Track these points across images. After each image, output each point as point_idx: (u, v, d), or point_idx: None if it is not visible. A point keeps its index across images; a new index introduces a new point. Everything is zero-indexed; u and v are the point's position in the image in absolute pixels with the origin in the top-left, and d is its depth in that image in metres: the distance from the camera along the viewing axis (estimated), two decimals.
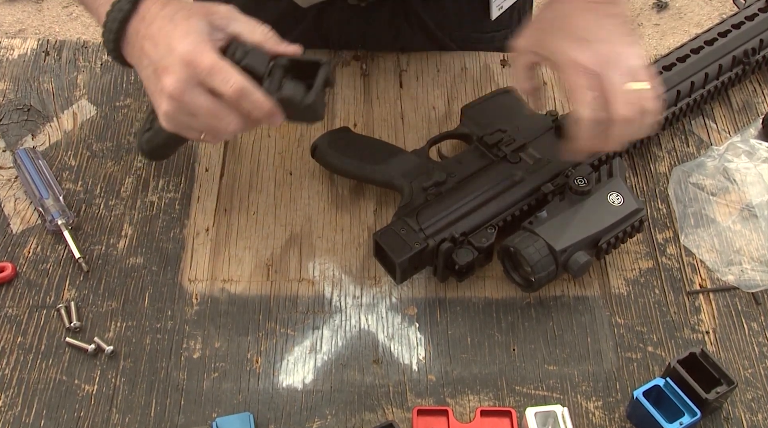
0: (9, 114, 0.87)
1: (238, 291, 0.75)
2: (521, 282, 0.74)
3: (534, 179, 0.75)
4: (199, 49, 0.62)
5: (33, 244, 0.77)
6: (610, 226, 0.71)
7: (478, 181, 0.76)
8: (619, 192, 0.73)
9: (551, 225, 0.71)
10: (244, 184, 0.83)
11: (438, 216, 0.73)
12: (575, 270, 0.70)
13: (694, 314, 0.75)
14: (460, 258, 0.70)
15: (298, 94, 0.64)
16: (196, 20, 0.64)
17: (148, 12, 0.66)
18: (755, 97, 0.92)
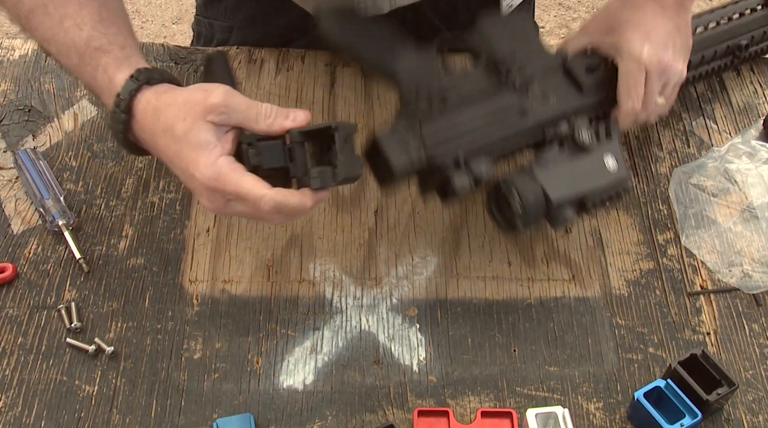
0: (10, 114, 0.87)
1: (238, 292, 0.75)
2: (501, 222, 0.72)
3: (538, 116, 0.73)
4: (215, 174, 0.59)
5: (34, 245, 0.77)
6: (600, 188, 0.70)
7: (483, 102, 0.72)
8: (615, 155, 0.71)
9: (551, 173, 0.69)
10: None
11: (442, 131, 0.69)
12: (558, 224, 0.70)
13: (695, 315, 0.75)
14: (457, 184, 0.67)
15: (328, 178, 0.61)
16: (196, 132, 0.60)
17: (144, 120, 0.63)
18: (756, 98, 0.92)
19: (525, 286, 0.77)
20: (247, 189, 0.60)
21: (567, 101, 0.74)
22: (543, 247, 0.80)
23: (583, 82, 0.75)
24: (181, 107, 0.61)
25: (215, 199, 0.62)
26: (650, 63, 0.72)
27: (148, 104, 0.63)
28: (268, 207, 0.60)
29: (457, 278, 0.77)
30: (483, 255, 0.79)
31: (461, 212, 0.82)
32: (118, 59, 0.65)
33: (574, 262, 0.79)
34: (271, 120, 0.62)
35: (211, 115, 0.60)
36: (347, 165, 0.61)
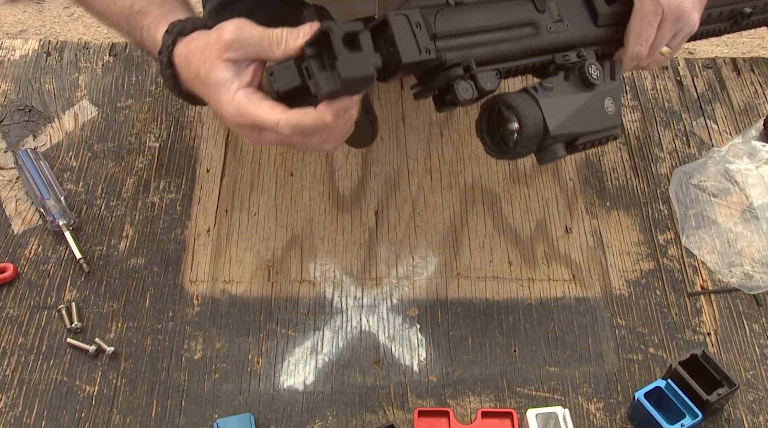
0: (10, 115, 0.87)
1: (239, 293, 0.75)
2: (489, 143, 0.67)
3: (550, 38, 0.69)
4: (236, 109, 0.60)
5: (34, 245, 0.77)
6: (595, 130, 0.67)
7: (500, 10, 0.68)
8: (614, 99, 0.68)
9: (554, 103, 0.64)
10: (245, 185, 0.83)
11: (456, 30, 0.64)
12: (545, 158, 0.65)
13: (695, 315, 0.75)
14: (461, 91, 0.62)
15: (331, 81, 0.57)
16: (215, 72, 0.60)
17: (183, 73, 0.65)
18: (756, 98, 0.92)
19: (525, 286, 0.77)
20: (262, 118, 0.59)
21: (580, 28, 0.71)
22: (543, 247, 0.80)
23: (600, 13, 0.71)
24: (202, 52, 0.62)
25: (248, 133, 0.62)
26: (668, 6, 0.69)
27: (181, 55, 0.64)
28: (287, 131, 0.59)
29: (457, 278, 0.77)
30: (483, 256, 0.79)
31: (461, 212, 0.82)
32: (156, 19, 0.67)
33: (574, 262, 0.79)
34: (284, 44, 0.60)
35: (227, 52, 0.60)
36: (348, 64, 0.56)
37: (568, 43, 0.70)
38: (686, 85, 0.94)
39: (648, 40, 0.70)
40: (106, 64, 0.92)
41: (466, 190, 0.84)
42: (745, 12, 0.84)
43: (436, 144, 0.87)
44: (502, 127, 0.66)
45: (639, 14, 0.70)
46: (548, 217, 0.82)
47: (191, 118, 0.88)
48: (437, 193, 0.84)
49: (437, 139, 0.88)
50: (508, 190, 0.84)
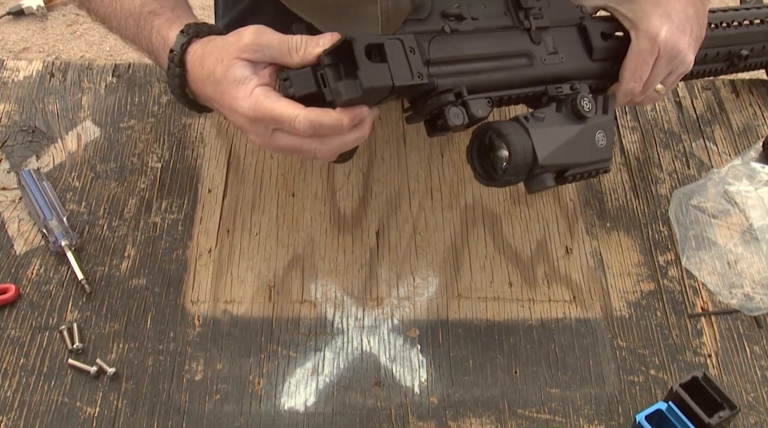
0: (14, 135, 0.87)
1: (240, 313, 0.75)
2: (478, 169, 0.68)
3: (545, 70, 0.70)
4: (253, 104, 0.60)
5: (36, 265, 0.77)
6: (585, 162, 0.67)
7: (495, 39, 0.69)
8: (606, 133, 0.68)
9: (544, 133, 0.65)
10: (246, 205, 0.84)
11: (449, 57, 0.65)
12: (534, 188, 0.65)
13: (696, 337, 0.75)
14: (452, 117, 0.63)
15: (352, 89, 0.58)
16: (233, 70, 0.61)
17: (194, 71, 0.65)
18: (755, 119, 0.93)
19: (526, 307, 0.77)
20: (280, 111, 0.60)
21: (574, 62, 0.72)
22: (544, 268, 0.80)
23: (596, 47, 0.72)
24: (219, 51, 0.63)
25: (260, 131, 0.62)
26: (665, 46, 0.70)
27: (195, 54, 0.65)
28: (303, 126, 0.59)
29: (458, 299, 0.77)
30: (484, 276, 0.79)
31: (462, 232, 0.82)
32: (169, 20, 0.68)
33: (575, 283, 0.79)
34: (302, 51, 0.61)
35: (246, 53, 0.61)
36: (370, 74, 0.58)
37: (563, 75, 0.71)
38: (685, 106, 0.95)
39: (642, 78, 0.71)
40: (109, 84, 0.93)
41: (467, 210, 0.84)
42: (741, 54, 0.86)
43: (436, 164, 0.88)
44: (492, 154, 0.66)
45: (635, 52, 0.71)
46: (549, 238, 0.82)
47: (193, 139, 0.88)
48: (438, 213, 0.84)
49: (438, 160, 0.88)
50: (508, 211, 0.84)
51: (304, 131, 0.60)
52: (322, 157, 0.64)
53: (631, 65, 0.71)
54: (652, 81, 0.72)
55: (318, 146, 0.62)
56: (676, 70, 0.73)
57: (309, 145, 0.62)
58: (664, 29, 0.69)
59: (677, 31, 0.70)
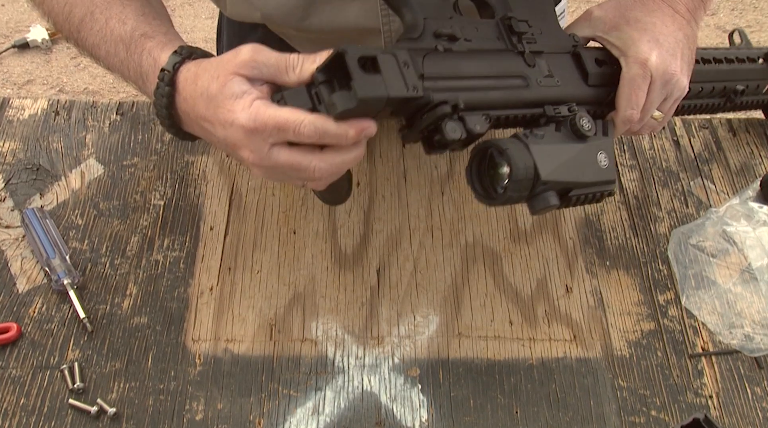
0: (18, 173, 0.88)
1: (241, 352, 0.76)
2: (478, 188, 0.66)
3: (542, 92, 0.69)
4: (253, 114, 0.58)
5: (38, 304, 0.77)
6: (589, 182, 0.65)
7: (490, 60, 0.67)
8: (608, 154, 0.67)
9: (545, 149, 0.63)
10: (248, 242, 0.84)
11: (444, 73, 0.64)
12: (538, 209, 0.63)
13: (696, 377, 0.75)
14: (449, 131, 0.61)
15: (347, 99, 0.57)
16: (230, 85, 0.60)
17: (185, 90, 0.64)
18: (752, 158, 0.94)
19: (527, 346, 0.77)
20: (285, 117, 0.58)
21: (570, 86, 0.71)
22: (544, 307, 0.80)
23: (591, 72, 0.72)
24: (215, 68, 0.62)
25: (257, 147, 0.60)
26: (656, 71, 0.69)
27: (189, 72, 0.64)
28: (309, 130, 0.58)
29: (458, 338, 0.77)
30: (484, 315, 0.79)
31: (462, 270, 0.83)
32: (161, 42, 0.67)
33: (575, 322, 0.79)
34: (299, 68, 0.60)
35: (243, 69, 0.60)
36: (364, 84, 0.57)
37: (559, 98, 0.69)
38: (683, 145, 0.96)
39: (639, 104, 0.70)
40: (113, 122, 0.94)
41: (467, 248, 0.85)
42: (737, 89, 0.86)
43: (437, 202, 0.88)
44: (492, 171, 0.65)
45: (627, 78, 0.70)
46: (549, 276, 0.83)
47: (196, 176, 0.89)
48: (438, 251, 0.84)
49: (438, 197, 0.89)
50: (508, 249, 0.85)
51: (310, 136, 0.58)
52: (319, 178, 0.62)
53: (626, 92, 0.70)
54: (648, 107, 0.71)
55: (317, 163, 0.60)
56: (671, 96, 0.72)
57: (308, 161, 0.60)
58: (654, 54, 0.69)
59: (668, 55, 0.70)
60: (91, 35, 0.71)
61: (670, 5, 0.72)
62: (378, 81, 0.58)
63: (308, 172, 0.61)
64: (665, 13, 0.72)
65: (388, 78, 0.59)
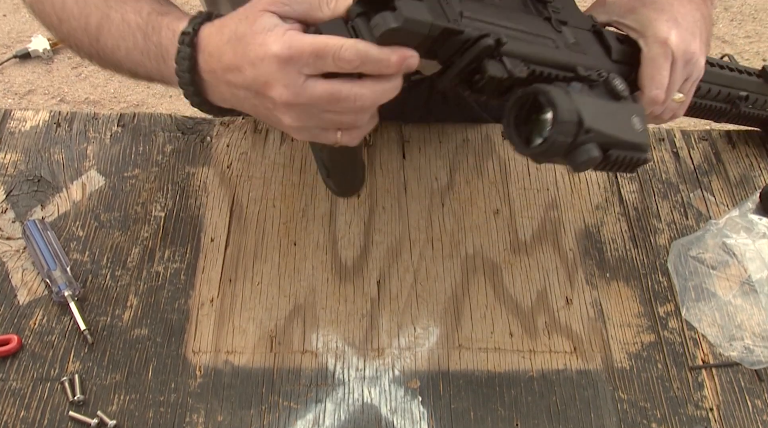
0: (20, 185, 0.88)
1: (241, 364, 0.76)
2: (515, 138, 0.62)
3: (571, 57, 0.67)
4: (288, 42, 0.55)
5: (39, 316, 0.78)
6: (627, 142, 0.62)
7: (522, 18, 0.66)
8: (641, 119, 0.64)
9: (584, 100, 0.60)
10: (248, 253, 0.84)
11: (482, 17, 0.61)
12: (579, 162, 0.59)
13: (697, 390, 0.75)
14: (491, 68, 0.59)
15: (389, 19, 0.54)
16: (260, 20, 0.57)
17: (210, 44, 0.61)
18: (752, 170, 0.94)
19: (527, 358, 0.77)
20: (324, 41, 0.55)
21: (596, 58, 0.69)
22: (544, 318, 0.80)
23: (614, 48, 0.71)
24: (243, 11, 0.59)
25: (292, 79, 0.56)
26: (677, 50, 0.68)
27: (213, 26, 0.61)
28: (350, 54, 0.54)
29: (459, 349, 0.78)
30: (485, 326, 0.79)
31: (463, 282, 0.83)
32: (178, 17, 0.65)
33: (575, 334, 0.79)
34: (333, 3, 0.57)
35: (274, 6, 0.57)
36: (409, 6, 0.54)
37: (588, 65, 0.68)
38: (683, 156, 0.96)
39: (663, 83, 0.69)
40: (114, 134, 0.94)
41: (467, 259, 0.85)
42: (741, 95, 0.87)
43: (437, 213, 0.89)
44: (534, 117, 0.61)
45: (649, 58, 0.69)
46: (549, 288, 0.83)
47: (196, 187, 0.89)
48: (438, 263, 0.84)
49: (438, 208, 0.89)
50: (508, 260, 0.85)
51: (350, 61, 0.55)
52: (360, 108, 0.58)
53: (649, 72, 0.69)
54: (671, 88, 0.69)
55: (359, 90, 0.56)
56: (691, 75, 0.71)
57: (348, 89, 0.56)
58: (673, 33, 0.68)
59: (687, 34, 0.69)
60: (110, 38, 0.69)
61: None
62: (421, 7, 0.55)
63: (349, 101, 0.57)
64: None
65: (431, 7, 0.56)
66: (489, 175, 0.92)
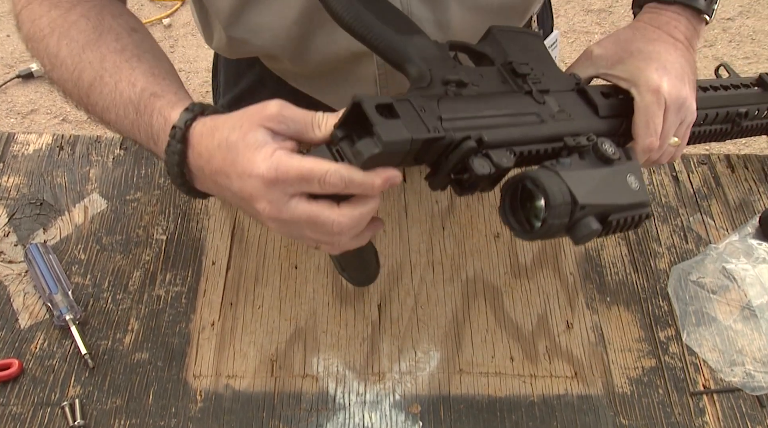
0: (22, 208, 0.89)
1: (242, 388, 0.75)
2: (516, 226, 0.63)
3: (557, 127, 0.68)
4: (276, 164, 0.57)
5: (40, 340, 0.78)
6: (624, 205, 0.63)
7: (501, 101, 0.67)
8: (637, 177, 0.65)
9: (575, 175, 0.61)
10: (249, 277, 0.84)
11: (461, 114, 0.63)
12: (580, 236, 0.60)
13: (698, 416, 0.74)
14: (477, 167, 0.60)
15: (371, 145, 0.56)
16: (253, 133, 0.58)
17: (200, 144, 0.62)
18: (751, 195, 0.94)
19: (528, 383, 0.77)
20: (309, 167, 0.56)
21: (583, 119, 0.71)
22: (545, 343, 0.80)
23: (600, 104, 0.72)
24: (238, 119, 0.60)
25: (276, 197, 0.58)
26: (670, 96, 0.70)
27: (204, 126, 0.62)
28: (335, 179, 0.56)
29: (459, 374, 0.77)
30: (485, 351, 0.79)
31: (463, 306, 0.83)
32: (171, 102, 0.66)
33: (576, 358, 0.79)
34: (324, 126, 0.59)
35: (270, 122, 0.59)
36: (387, 129, 0.56)
37: (575, 131, 0.69)
38: (682, 180, 0.97)
39: (657, 131, 0.70)
40: (116, 157, 0.95)
41: (468, 283, 0.85)
42: (741, 112, 0.87)
43: (438, 237, 0.89)
44: (528, 204, 0.63)
45: (642, 107, 0.70)
46: (549, 312, 0.83)
47: (198, 211, 0.90)
48: (439, 287, 0.85)
49: (439, 232, 0.89)
50: (509, 284, 0.85)
51: (335, 185, 0.57)
52: (337, 233, 0.59)
53: (642, 120, 0.70)
54: (666, 134, 0.71)
55: (336, 217, 0.58)
56: (685, 120, 0.73)
57: (327, 215, 0.58)
58: (665, 81, 0.70)
59: (677, 81, 0.71)
60: (101, 99, 0.69)
61: (669, 34, 0.74)
62: (399, 125, 0.57)
63: (326, 226, 0.59)
64: (666, 42, 0.73)
65: (408, 122, 0.58)
66: (489, 199, 0.93)
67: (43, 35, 0.72)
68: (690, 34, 0.75)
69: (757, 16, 2.79)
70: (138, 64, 0.69)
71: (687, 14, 0.75)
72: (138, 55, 0.70)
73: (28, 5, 0.74)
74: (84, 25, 0.71)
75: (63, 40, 0.71)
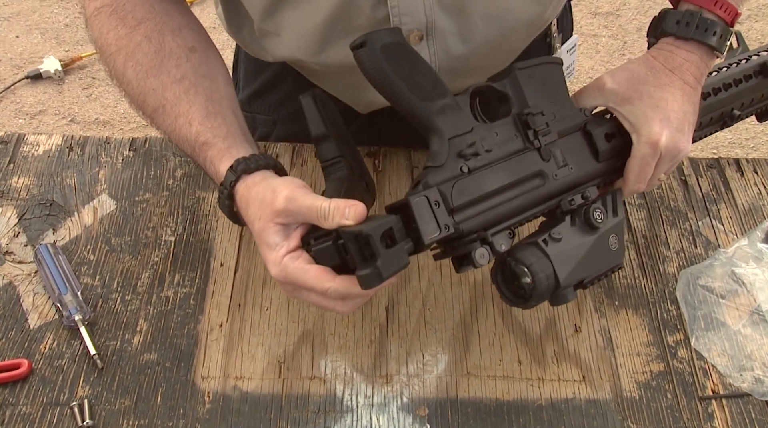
0: (32, 209, 0.89)
1: (250, 389, 0.76)
2: (507, 293, 0.71)
3: (557, 185, 0.73)
4: (283, 272, 0.66)
5: (49, 340, 0.78)
6: (600, 273, 0.72)
7: (510, 168, 0.72)
8: (618, 235, 0.72)
9: (562, 253, 0.69)
10: (258, 279, 0.85)
11: (470, 201, 0.68)
12: (557, 303, 0.70)
13: (707, 421, 0.74)
14: (478, 259, 0.67)
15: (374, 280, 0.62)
16: (266, 233, 0.67)
17: (241, 199, 0.72)
18: (760, 199, 0.94)
19: (536, 386, 0.77)
20: (311, 283, 0.65)
21: (583, 168, 0.75)
22: (553, 346, 0.80)
23: (601, 150, 0.76)
24: (258, 208, 0.69)
25: (288, 289, 0.69)
26: (666, 149, 0.73)
27: (242, 198, 0.71)
28: (334, 295, 0.65)
29: (467, 377, 0.77)
30: (493, 354, 0.79)
31: (471, 308, 0.83)
32: (220, 152, 0.74)
33: (584, 362, 0.79)
34: (330, 220, 0.65)
35: (278, 217, 0.67)
36: (388, 261, 0.62)
37: (573, 183, 0.74)
38: (691, 184, 0.96)
39: (646, 178, 0.75)
40: (125, 158, 0.95)
41: (476, 286, 0.85)
42: (734, 114, 0.87)
43: None
44: (515, 282, 0.70)
45: (638, 157, 0.74)
46: (557, 315, 0.83)
47: (207, 212, 0.90)
48: (447, 289, 0.85)
49: None
50: None
51: (336, 298, 0.66)
52: (342, 313, 0.70)
53: (635, 169, 0.74)
54: (654, 179, 0.76)
55: (341, 307, 0.67)
56: (675, 162, 0.76)
57: (333, 305, 0.67)
58: (665, 134, 0.72)
59: (677, 133, 0.73)
60: (163, 126, 0.78)
61: (680, 77, 0.75)
62: (401, 251, 0.63)
63: (330, 310, 0.69)
64: (675, 86, 0.74)
65: (421, 222, 0.64)
66: None
67: (110, 52, 0.78)
68: (700, 74, 0.76)
69: (765, 20, 2.79)
70: (195, 97, 0.76)
71: (701, 52, 0.76)
72: (195, 84, 0.77)
73: (98, 14, 0.79)
74: (147, 47, 0.77)
75: (129, 61, 0.77)
